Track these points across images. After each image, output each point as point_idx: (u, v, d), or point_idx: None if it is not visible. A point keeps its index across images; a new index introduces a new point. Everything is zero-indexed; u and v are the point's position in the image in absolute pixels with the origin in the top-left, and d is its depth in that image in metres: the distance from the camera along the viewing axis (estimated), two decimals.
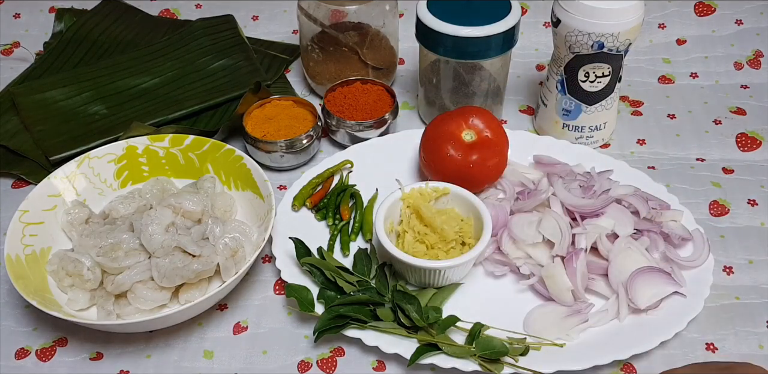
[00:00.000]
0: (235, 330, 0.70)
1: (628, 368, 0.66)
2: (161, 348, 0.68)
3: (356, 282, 0.69)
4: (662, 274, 0.68)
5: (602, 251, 0.70)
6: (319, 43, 0.88)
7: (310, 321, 0.70)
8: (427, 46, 0.80)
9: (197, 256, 0.67)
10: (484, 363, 0.63)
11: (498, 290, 0.71)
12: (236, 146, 0.79)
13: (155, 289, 0.67)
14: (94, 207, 0.76)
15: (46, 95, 0.90)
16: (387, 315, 0.66)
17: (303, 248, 0.70)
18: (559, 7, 0.75)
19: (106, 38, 1.00)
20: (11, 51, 1.02)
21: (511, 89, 0.94)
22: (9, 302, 0.72)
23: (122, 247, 0.68)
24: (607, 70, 0.78)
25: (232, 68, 0.94)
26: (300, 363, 0.67)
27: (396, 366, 0.67)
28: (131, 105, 0.90)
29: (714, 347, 0.67)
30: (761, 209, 0.79)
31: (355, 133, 0.84)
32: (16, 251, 0.68)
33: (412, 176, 0.82)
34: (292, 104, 0.86)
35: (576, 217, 0.72)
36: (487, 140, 0.75)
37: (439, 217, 0.70)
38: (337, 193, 0.79)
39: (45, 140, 0.85)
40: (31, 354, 0.68)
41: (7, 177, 0.85)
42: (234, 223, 0.72)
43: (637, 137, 0.88)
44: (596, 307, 0.69)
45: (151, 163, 0.79)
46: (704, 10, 1.01)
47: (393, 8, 0.87)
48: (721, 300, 0.71)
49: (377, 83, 0.87)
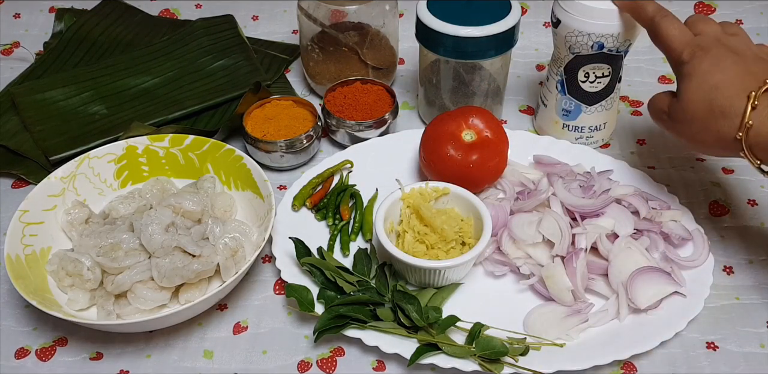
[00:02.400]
0: (235, 330, 0.70)
1: (629, 368, 0.66)
2: (161, 348, 0.68)
3: (356, 282, 0.69)
4: (662, 274, 0.68)
5: (602, 251, 0.70)
6: (319, 43, 0.88)
7: (310, 321, 0.70)
8: (427, 46, 0.80)
9: (197, 256, 0.67)
10: (484, 363, 0.63)
11: (498, 290, 0.71)
12: (236, 146, 0.79)
13: (155, 289, 0.67)
14: (94, 207, 0.76)
15: (46, 95, 0.90)
16: (387, 315, 0.66)
17: (303, 248, 0.70)
18: (559, 8, 0.75)
19: (106, 38, 1.00)
20: (11, 51, 1.02)
21: (511, 89, 0.94)
22: (9, 302, 0.72)
23: (122, 247, 0.68)
24: (607, 71, 0.78)
25: (232, 68, 0.94)
26: (300, 363, 0.67)
27: (396, 366, 0.67)
28: (131, 105, 0.90)
29: (715, 346, 0.68)
30: (761, 209, 0.79)
31: (355, 133, 0.84)
32: (16, 251, 0.68)
33: (412, 176, 0.82)
34: (292, 104, 0.86)
35: (576, 217, 0.72)
36: (487, 140, 0.75)
37: (439, 217, 0.70)
38: (337, 193, 0.79)
39: (45, 140, 0.85)
40: (31, 353, 0.68)
41: (7, 177, 0.85)
42: (234, 223, 0.72)
43: (637, 137, 0.88)
44: (596, 307, 0.69)
45: (151, 163, 0.79)
46: (704, 10, 1.01)
47: (393, 8, 0.87)
48: (721, 300, 0.71)
49: (377, 83, 0.87)
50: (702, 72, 0.62)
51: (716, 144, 0.62)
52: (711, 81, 0.61)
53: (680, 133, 0.65)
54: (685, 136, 0.65)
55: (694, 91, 0.62)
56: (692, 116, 0.62)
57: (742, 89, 0.59)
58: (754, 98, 0.58)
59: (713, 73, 0.61)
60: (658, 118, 0.68)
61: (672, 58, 0.66)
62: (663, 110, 0.66)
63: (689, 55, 0.63)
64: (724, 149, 0.62)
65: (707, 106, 0.61)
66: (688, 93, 0.62)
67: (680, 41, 0.65)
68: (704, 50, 0.63)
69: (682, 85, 0.63)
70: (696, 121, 0.62)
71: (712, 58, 0.62)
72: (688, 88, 0.62)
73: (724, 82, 0.60)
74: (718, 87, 0.60)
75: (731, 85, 0.60)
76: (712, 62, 0.62)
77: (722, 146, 0.62)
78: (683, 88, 0.63)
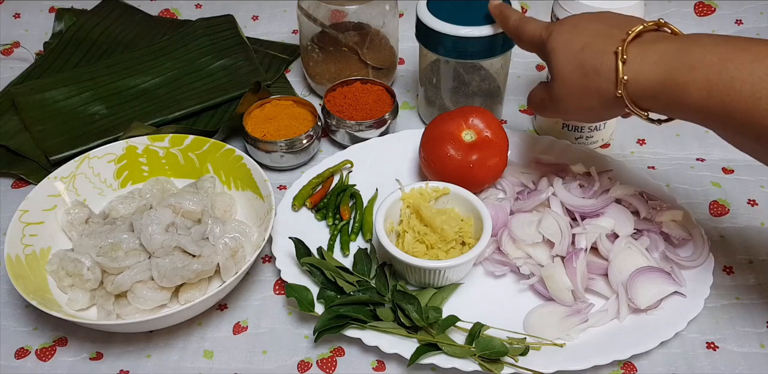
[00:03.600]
0: (235, 330, 0.70)
1: (628, 368, 0.66)
2: (161, 348, 0.68)
3: (356, 282, 0.69)
4: (662, 274, 0.68)
5: (602, 251, 0.70)
6: (319, 43, 0.88)
7: (310, 321, 0.70)
8: (427, 46, 0.80)
9: (197, 256, 0.67)
10: (484, 363, 0.63)
11: (498, 290, 0.71)
12: (236, 146, 0.79)
13: (155, 289, 0.67)
14: (94, 207, 0.76)
15: (46, 95, 0.90)
16: (387, 315, 0.66)
17: (303, 248, 0.70)
18: (559, 7, 0.75)
19: (106, 38, 1.00)
20: (11, 51, 1.02)
21: (511, 89, 0.94)
22: (9, 302, 0.72)
23: (122, 247, 0.68)
24: None
25: (232, 68, 0.94)
26: (300, 363, 0.67)
27: (396, 366, 0.67)
28: (131, 105, 0.90)
29: (715, 346, 0.68)
30: (761, 209, 0.79)
31: (355, 133, 0.84)
32: (16, 251, 0.68)
33: (412, 176, 0.82)
34: (292, 104, 0.86)
35: (576, 217, 0.72)
36: (487, 140, 0.75)
37: (439, 217, 0.70)
38: (337, 193, 0.79)
39: (45, 140, 0.85)
40: (31, 353, 0.68)
41: (7, 177, 0.85)
42: (234, 223, 0.72)
43: (637, 137, 0.88)
44: (596, 307, 0.69)
45: (151, 163, 0.79)
46: (704, 10, 1.01)
47: (393, 8, 0.87)
48: (721, 300, 0.71)
49: (377, 83, 0.87)
50: (564, 41, 0.61)
51: (603, 106, 0.61)
52: (575, 45, 0.60)
53: (567, 109, 0.64)
54: (572, 110, 0.63)
55: (564, 62, 0.61)
56: (570, 85, 0.61)
57: (609, 44, 0.58)
58: (622, 52, 0.57)
59: (574, 37, 0.60)
60: (542, 107, 0.67)
61: (535, 45, 0.65)
62: (543, 97, 0.66)
63: (547, 33, 0.63)
64: (611, 108, 0.61)
65: (580, 70, 0.60)
66: (558, 65, 0.61)
67: (537, 28, 0.65)
68: (560, 23, 0.63)
69: (551, 62, 0.62)
70: (576, 89, 0.61)
71: (568, 25, 0.62)
72: (557, 60, 0.61)
73: (588, 42, 0.59)
74: (583, 48, 0.59)
75: (595, 41, 0.59)
76: (569, 29, 0.61)
77: (608, 107, 0.60)
78: (553, 64, 0.62)
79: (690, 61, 0.54)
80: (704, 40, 0.55)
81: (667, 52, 0.56)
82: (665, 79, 0.55)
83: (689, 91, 0.54)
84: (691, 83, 0.54)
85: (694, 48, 0.55)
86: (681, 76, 0.54)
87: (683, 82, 0.54)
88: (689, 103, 0.55)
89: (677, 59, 0.55)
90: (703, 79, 0.53)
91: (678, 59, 0.55)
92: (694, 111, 0.55)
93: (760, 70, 0.51)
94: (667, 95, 0.56)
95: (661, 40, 0.57)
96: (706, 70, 0.53)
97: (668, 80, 0.55)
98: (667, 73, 0.55)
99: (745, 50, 0.53)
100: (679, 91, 0.55)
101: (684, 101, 0.55)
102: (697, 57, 0.54)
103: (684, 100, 0.55)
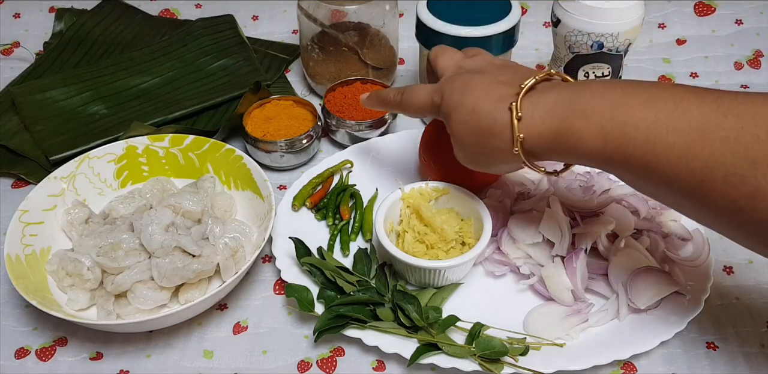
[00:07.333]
0: (235, 330, 0.70)
1: (628, 368, 0.66)
2: (161, 348, 0.68)
3: (356, 282, 0.69)
4: (662, 274, 0.68)
5: (602, 251, 0.70)
6: (319, 43, 0.88)
7: (310, 321, 0.70)
8: (427, 46, 0.80)
9: (197, 256, 0.67)
10: (484, 363, 0.63)
11: (498, 290, 0.71)
12: (236, 146, 0.79)
13: (155, 289, 0.67)
14: (94, 207, 0.76)
15: (46, 95, 0.90)
16: (387, 315, 0.66)
17: (303, 248, 0.70)
18: (559, 7, 0.75)
19: (106, 38, 1.00)
20: (11, 51, 1.02)
21: None
22: (9, 302, 0.72)
23: (122, 247, 0.68)
24: (607, 71, 0.78)
25: (232, 68, 0.94)
26: (300, 363, 0.67)
27: (396, 366, 0.67)
28: (131, 105, 0.90)
29: (715, 346, 0.68)
30: None
31: (355, 133, 0.84)
32: (16, 251, 0.68)
33: (412, 176, 0.82)
34: (292, 104, 0.86)
35: (576, 217, 0.72)
36: None
37: (439, 217, 0.70)
38: (337, 193, 0.79)
39: (45, 140, 0.85)
40: (31, 353, 0.68)
41: (7, 177, 0.85)
42: (234, 223, 0.72)
43: None
44: (596, 307, 0.69)
45: (151, 163, 0.79)
46: (704, 10, 1.01)
47: (393, 8, 0.87)
48: (721, 300, 0.71)
49: (377, 83, 0.87)
50: (456, 104, 0.59)
51: (501, 162, 0.60)
52: (467, 107, 0.58)
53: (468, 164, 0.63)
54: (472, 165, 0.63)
55: (458, 126, 0.59)
56: (470, 148, 0.60)
57: (498, 100, 0.57)
58: (516, 109, 0.55)
59: (465, 98, 0.59)
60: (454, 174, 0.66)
61: (430, 112, 0.64)
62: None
63: (439, 97, 0.61)
64: (509, 163, 0.60)
65: (475, 132, 0.58)
66: (454, 128, 0.60)
67: (427, 94, 0.63)
68: (449, 83, 0.61)
69: (448, 125, 0.61)
70: (473, 149, 0.60)
71: (458, 87, 0.60)
72: (452, 123, 0.60)
73: (479, 102, 0.58)
74: (474, 110, 0.58)
75: (486, 101, 0.58)
76: (460, 90, 0.60)
77: (506, 162, 0.60)
78: (450, 129, 0.61)
79: (582, 109, 0.53)
80: (594, 87, 0.54)
81: (559, 101, 0.55)
82: (559, 129, 0.54)
83: (585, 139, 0.53)
84: (585, 131, 0.53)
85: (584, 95, 0.54)
86: (575, 124, 0.53)
87: (577, 130, 0.53)
88: (586, 150, 0.54)
89: (569, 107, 0.54)
90: (596, 126, 0.52)
91: (570, 107, 0.54)
92: (593, 158, 0.54)
93: (651, 114, 0.50)
94: (563, 145, 0.55)
95: (552, 88, 0.56)
96: (598, 118, 0.52)
97: (563, 130, 0.54)
98: (561, 122, 0.54)
99: (633, 95, 0.52)
100: (575, 139, 0.54)
101: (580, 149, 0.54)
102: (588, 104, 0.53)
103: (580, 148, 0.54)
